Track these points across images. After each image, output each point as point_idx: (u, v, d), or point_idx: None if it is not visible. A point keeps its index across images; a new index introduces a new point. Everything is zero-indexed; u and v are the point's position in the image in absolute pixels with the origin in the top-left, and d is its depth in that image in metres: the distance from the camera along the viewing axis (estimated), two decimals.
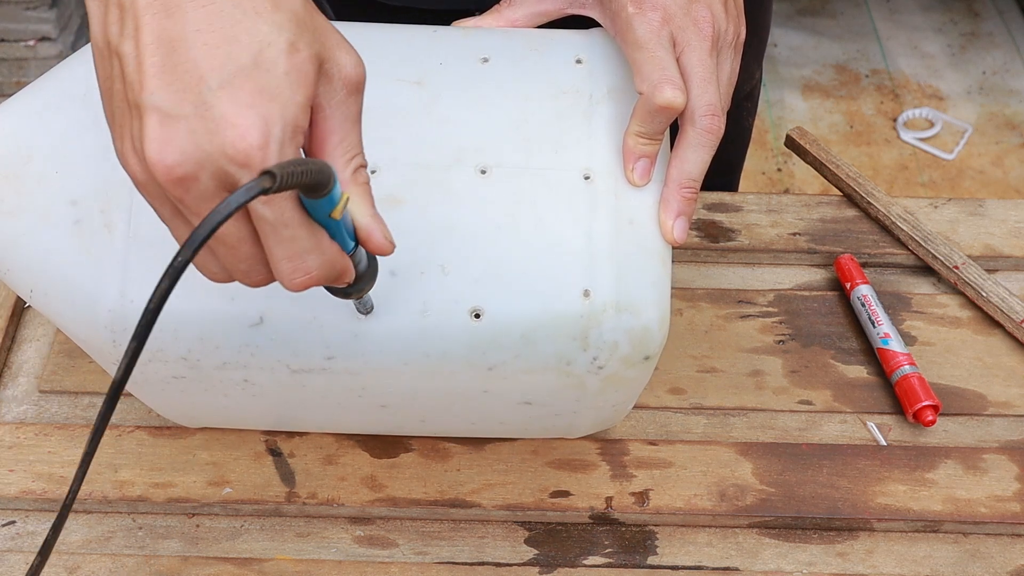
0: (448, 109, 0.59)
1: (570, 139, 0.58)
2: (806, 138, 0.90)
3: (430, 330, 0.56)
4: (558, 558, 0.65)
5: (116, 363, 0.58)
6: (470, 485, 0.67)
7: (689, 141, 0.57)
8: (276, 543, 0.66)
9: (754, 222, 0.84)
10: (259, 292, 0.55)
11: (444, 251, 0.56)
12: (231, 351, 0.57)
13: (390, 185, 0.56)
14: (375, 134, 0.57)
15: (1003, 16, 2.46)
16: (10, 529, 0.66)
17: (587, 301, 0.56)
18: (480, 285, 0.56)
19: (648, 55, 0.56)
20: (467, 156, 0.57)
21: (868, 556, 0.66)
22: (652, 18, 0.57)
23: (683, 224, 0.57)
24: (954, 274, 0.79)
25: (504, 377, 0.58)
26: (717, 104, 0.57)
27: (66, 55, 2.08)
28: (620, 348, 0.57)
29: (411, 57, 0.60)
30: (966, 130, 2.16)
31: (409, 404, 0.62)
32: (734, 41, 0.60)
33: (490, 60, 0.61)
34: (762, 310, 0.79)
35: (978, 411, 0.73)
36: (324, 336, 0.56)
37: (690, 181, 0.58)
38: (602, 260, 0.56)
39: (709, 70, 0.57)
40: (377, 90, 0.58)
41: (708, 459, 0.69)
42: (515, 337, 0.56)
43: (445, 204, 0.57)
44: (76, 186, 0.56)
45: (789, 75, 2.30)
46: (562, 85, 0.60)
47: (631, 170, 0.58)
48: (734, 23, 0.60)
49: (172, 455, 0.68)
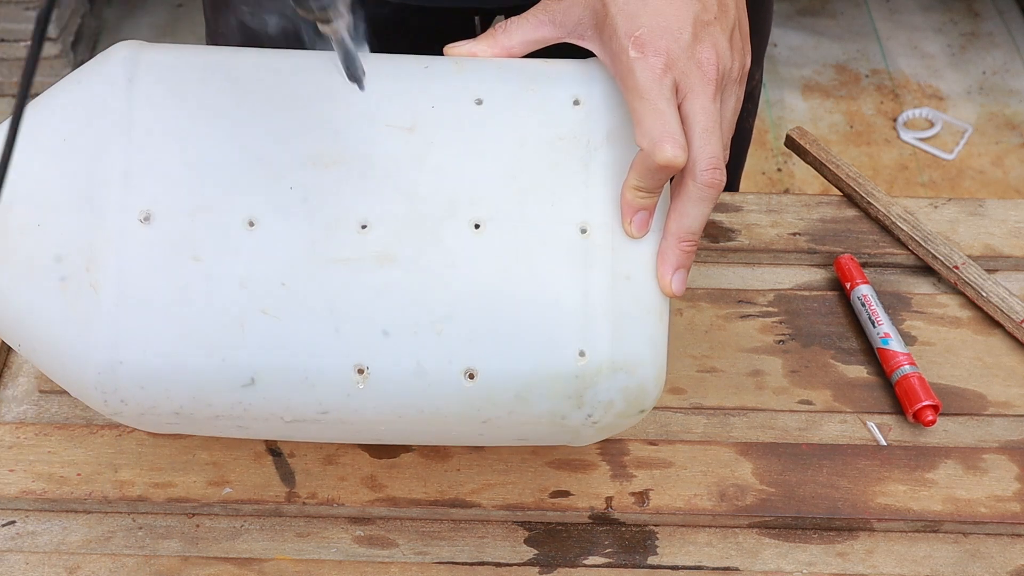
0: (441, 158, 0.57)
1: (566, 190, 0.56)
2: (806, 138, 0.90)
3: (424, 389, 0.56)
4: (558, 558, 0.65)
5: (111, 415, 0.58)
6: (470, 485, 0.67)
7: (690, 195, 0.55)
8: (276, 543, 0.66)
9: (754, 222, 0.84)
10: (250, 352, 0.55)
11: (437, 309, 0.55)
12: (223, 407, 0.57)
13: (382, 241, 0.55)
14: (365, 185, 0.56)
15: (1003, 16, 2.46)
16: (10, 529, 0.66)
17: (582, 361, 0.55)
18: (474, 344, 0.55)
19: (649, 107, 0.54)
20: (460, 209, 0.56)
21: (868, 556, 0.66)
22: (654, 64, 0.54)
23: (682, 277, 0.56)
24: (954, 274, 0.79)
25: (498, 427, 0.58)
26: (719, 156, 0.55)
27: (66, 55, 2.09)
28: (615, 406, 0.57)
29: (402, 98, 0.58)
30: (966, 130, 2.16)
31: (403, 439, 0.63)
32: (740, 75, 0.58)
33: (484, 102, 0.58)
34: (762, 310, 0.79)
35: (978, 411, 0.73)
36: (317, 395, 0.56)
37: (690, 235, 0.56)
38: (598, 318, 0.55)
39: (712, 119, 0.55)
40: (367, 136, 0.56)
41: (708, 459, 0.69)
42: (509, 396, 0.56)
43: (438, 260, 0.55)
44: (60, 241, 0.54)
45: (789, 75, 2.30)
46: (559, 130, 0.58)
47: (629, 223, 0.56)
48: (739, 57, 0.58)
49: (172, 455, 0.68)
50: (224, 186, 0.55)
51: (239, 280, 0.54)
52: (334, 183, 0.56)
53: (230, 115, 0.56)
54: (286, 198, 0.55)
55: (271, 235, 0.55)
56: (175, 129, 0.56)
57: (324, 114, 0.57)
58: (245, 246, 0.55)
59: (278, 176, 0.55)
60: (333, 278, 0.55)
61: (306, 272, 0.55)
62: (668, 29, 0.55)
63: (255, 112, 0.56)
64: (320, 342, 0.55)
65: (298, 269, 0.55)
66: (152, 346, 0.54)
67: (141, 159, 0.55)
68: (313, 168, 0.56)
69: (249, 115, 0.57)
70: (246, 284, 0.54)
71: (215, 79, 0.57)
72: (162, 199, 0.55)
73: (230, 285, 0.54)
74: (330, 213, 0.55)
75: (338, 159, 0.56)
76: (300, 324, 0.55)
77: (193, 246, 0.54)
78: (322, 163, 0.56)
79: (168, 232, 0.54)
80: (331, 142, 0.56)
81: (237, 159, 0.56)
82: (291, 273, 0.55)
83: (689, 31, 0.55)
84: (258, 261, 0.54)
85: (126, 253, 0.54)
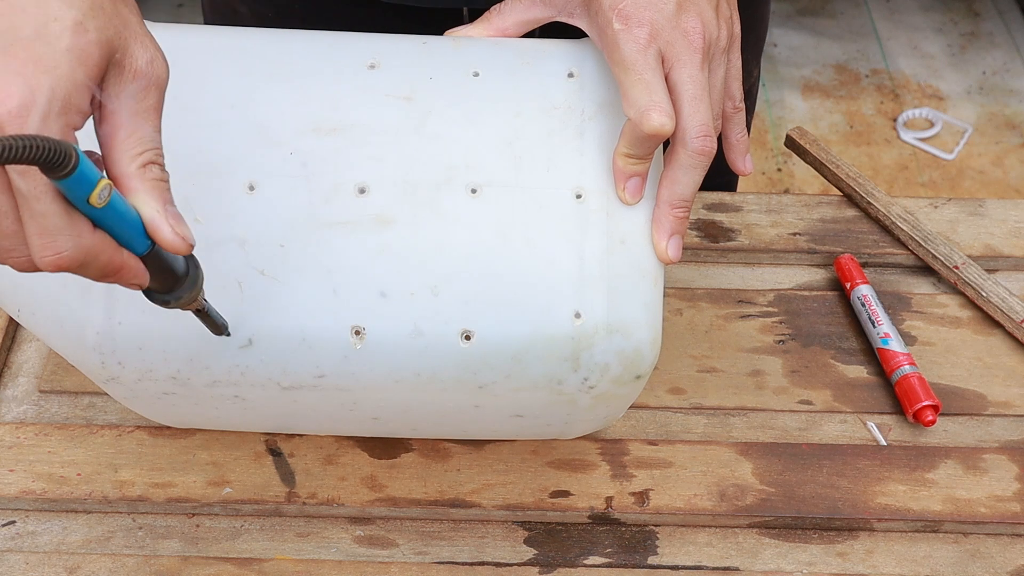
0: (438, 126, 0.58)
1: (561, 157, 0.57)
2: (806, 138, 0.90)
3: (421, 351, 0.56)
4: (558, 558, 0.65)
5: (107, 381, 0.58)
6: (470, 485, 0.67)
7: (680, 162, 0.56)
8: (276, 543, 0.66)
9: (754, 222, 0.84)
10: (248, 312, 0.55)
11: (434, 272, 0.55)
12: (221, 371, 0.57)
13: (380, 205, 0.56)
14: (364, 152, 0.57)
15: (1003, 16, 2.46)
16: (10, 529, 0.66)
17: (578, 323, 0.56)
18: (470, 307, 0.55)
19: (635, 78, 0.55)
20: (457, 175, 0.57)
21: (868, 556, 0.66)
22: (639, 35, 0.55)
23: (677, 243, 0.57)
24: (954, 274, 0.79)
25: (495, 395, 0.58)
26: (709, 123, 0.55)
27: None
28: (611, 369, 0.57)
29: (401, 70, 0.59)
30: (966, 130, 2.16)
31: (401, 416, 0.62)
32: (728, 44, 0.59)
33: (481, 74, 0.59)
34: (762, 310, 0.79)
35: (978, 411, 0.73)
36: (314, 356, 0.56)
37: (682, 202, 0.56)
38: (593, 281, 0.56)
39: (700, 86, 0.55)
40: (366, 105, 0.58)
41: (708, 459, 0.69)
42: (505, 358, 0.56)
43: (435, 224, 0.56)
44: None
45: (789, 75, 2.30)
46: (554, 100, 0.59)
47: (623, 189, 0.57)
48: (727, 25, 0.58)
49: (172, 455, 0.68)
50: (225, 151, 0.56)
51: (238, 241, 0.55)
52: (333, 149, 0.57)
53: (232, 86, 0.57)
54: (286, 163, 0.56)
55: (271, 198, 0.56)
56: (177, 97, 0.56)
57: (324, 86, 0.58)
58: (245, 209, 0.56)
59: (278, 142, 0.57)
60: (331, 241, 0.55)
61: (305, 234, 0.55)
62: (652, 1, 0.56)
63: (256, 83, 0.58)
64: (318, 303, 0.55)
65: (297, 231, 0.55)
66: (151, 306, 0.55)
67: None
68: (313, 135, 0.57)
69: (250, 86, 0.58)
70: (245, 245, 0.55)
71: (217, 54, 0.59)
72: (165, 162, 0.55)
73: (229, 246, 0.55)
74: (329, 178, 0.56)
75: (337, 126, 0.57)
76: (298, 285, 0.55)
77: (194, 208, 0.55)
78: (322, 130, 0.57)
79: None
80: (331, 111, 0.57)
81: (238, 126, 0.57)
82: (290, 235, 0.55)
83: (673, 1, 0.56)
84: (257, 223, 0.55)
85: None
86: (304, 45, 0.60)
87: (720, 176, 0.82)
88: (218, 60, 0.58)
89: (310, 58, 0.59)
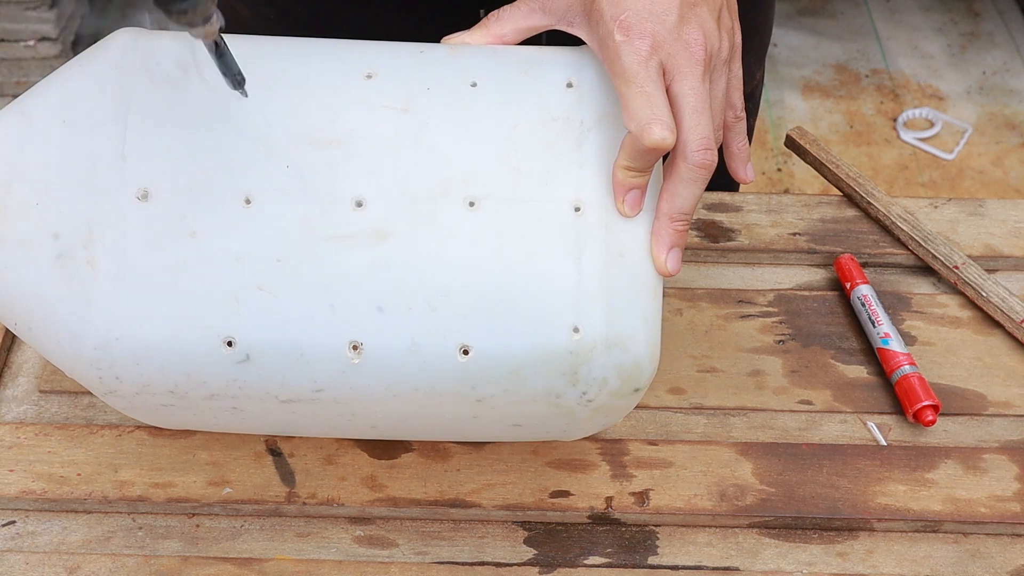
0: (436, 138, 0.57)
1: (560, 169, 0.57)
2: (806, 138, 0.90)
3: (419, 366, 0.56)
4: (558, 558, 0.65)
5: (106, 394, 0.57)
6: (470, 485, 0.67)
7: (681, 176, 0.56)
8: (276, 543, 0.66)
9: (754, 222, 0.84)
10: (245, 329, 0.55)
11: (432, 286, 0.55)
12: (218, 385, 0.56)
13: (377, 218, 0.55)
14: (361, 164, 0.56)
15: (1003, 16, 2.46)
16: (10, 529, 0.66)
17: (577, 337, 0.55)
18: (468, 321, 0.55)
19: (636, 90, 0.54)
20: (455, 188, 0.56)
21: (868, 556, 0.66)
22: (640, 47, 0.55)
23: (676, 256, 0.56)
24: (954, 274, 0.79)
25: (493, 407, 0.58)
26: (710, 136, 0.55)
27: (66, 55, 2.08)
28: (610, 383, 0.57)
29: (398, 81, 0.59)
30: (966, 130, 2.16)
31: (399, 425, 0.62)
32: (729, 55, 0.58)
33: (479, 84, 0.59)
34: (762, 310, 0.79)
35: (978, 411, 0.73)
36: (312, 371, 0.56)
37: (682, 215, 0.56)
38: (592, 295, 0.55)
39: (701, 99, 0.55)
40: (363, 117, 0.57)
41: (708, 459, 0.69)
42: (504, 373, 0.56)
43: (433, 238, 0.55)
44: (58, 219, 0.55)
45: (789, 75, 2.31)
46: (552, 111, 0.58)
47: (622, 202, 0.56)
48: (728, 36, 0.58)
49: (172, 455, 0.68)
50: (221, 165, 0.56)
51: (235, 256, 0.55)
52: (330, 162, 0.56)
53: (227, 97, 0.57)
54: (282, 176, 0.56)
55: (267, 212, 0.55)
56: (172, 110, 0.56)
57: (320, 96, 0.58)
58: (241, 223, 0.55)
59: (274, 155, 0.56)
60: (328, 255, 0.55)
61: (302, 248, 0.55)
62: (653, 12, 0.55)
63: (252, 94, 0.57)
64: (315, 318, 0.55)
65: (294, 246, 0.55)
66: (148, 321, 0.54)
67: (139, 139, 0.56)
68: (309, 147, 0.56)
69: (246, 97, 0.57)
70: (242, 260, 0.55)
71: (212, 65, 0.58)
72: (159, 178, 0.55)
73: (226, 261, 0.55)
74: (326, 191, 0.56)
75: (334, 139, 0.57)
76: (295, 300, 0.55)
77: (190, 223, 0.55)
78: (318, 143, 0.57)
79: (165, 209, 0.55)
80: (327, 123, 0.57)
81: (234, 139, 0.56)
82: (287, 249, 0.55)
83: (675, 13, 0.56)
84: (254, 238, 0.55)
85: (123, 230, 0.55)
86: (299, 54, 0.59)
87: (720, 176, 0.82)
88: (213, 71, 0.58)
89: (306, 68, 0.59)
